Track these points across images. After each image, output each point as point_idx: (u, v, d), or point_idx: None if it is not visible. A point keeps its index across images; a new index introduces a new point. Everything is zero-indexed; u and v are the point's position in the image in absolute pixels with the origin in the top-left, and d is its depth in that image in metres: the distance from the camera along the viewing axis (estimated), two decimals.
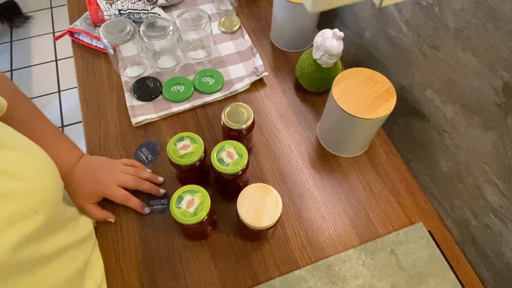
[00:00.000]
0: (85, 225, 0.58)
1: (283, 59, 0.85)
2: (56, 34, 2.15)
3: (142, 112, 0.74)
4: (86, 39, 0.84)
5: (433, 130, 0.63)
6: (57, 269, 0.45)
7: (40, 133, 0.58)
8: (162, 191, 0.64)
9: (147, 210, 0.63)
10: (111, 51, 0.74)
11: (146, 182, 0.63)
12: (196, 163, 0.58)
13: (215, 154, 0.57)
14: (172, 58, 0.81)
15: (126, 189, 0.62)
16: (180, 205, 0.53)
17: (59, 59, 2.03)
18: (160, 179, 0.66)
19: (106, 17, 0.82)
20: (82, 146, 0.69)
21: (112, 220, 0.63)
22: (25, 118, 0.57)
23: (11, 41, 2.10)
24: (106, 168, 0.62)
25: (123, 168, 0.63)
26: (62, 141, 0.61)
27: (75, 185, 0.60)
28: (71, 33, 0.84)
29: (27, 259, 0.39)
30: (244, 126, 0.61)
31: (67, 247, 0.48)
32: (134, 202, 0.62)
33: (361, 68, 0.65)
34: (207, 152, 0.61)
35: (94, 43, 0.84)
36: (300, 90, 0.80)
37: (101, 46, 0.83)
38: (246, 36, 0.87)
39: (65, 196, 0.60)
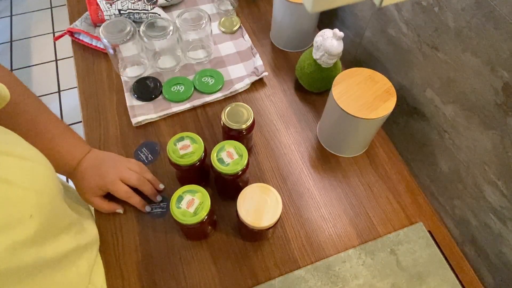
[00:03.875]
0: (90, 230, 0.58)
1: (283, 59, 0.85)
2: (56, 34, 2.15)
3: (142, 112, 0.74)
4: (86, 39, 0.84)
5: (433, 130, 0.63)
6: (57, 275, 0.44)
7: (48, 128, 0.58)
8: (159, 198, 0.65)
9: (147, 208, 0.63)
10: (111, 51, 0.74)
11: (148, 183, 0.63)
12: (196, 163, 0.58)
13: (215, 154, 0.57)
14: (172, 58, 0.81)
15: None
16: (180, 205, 0.53)
17: (59, 59, 2.03)
18: (161, 186, 0.66)
19: (106, 17, 0.81)
20: None
21: (120, 211, 0.63)
22: (32, 114, 0.57)
23: (11, 41, 2.10)
24: (111, 163, 0.62)
25: (128, 165, 0.63)
26: (69, 136, 0.61)
27: (80, 178, 0.60)
28: (71, 33, 0.84)
29: (24, 264, 0.38)
30: (244, 126, 0.61)
31: (68, 253, 0.47)
32: (136, 199, 0.62)
33: (361, 68, 0.65)
34: (207, 152, 0.61)
35: (94, 43, 0.84)
36: (300, 90, 0.80)
37: (101, 46, 0.83)
38: (246, 36, 0.87)
39: (69, 200, 0.60)
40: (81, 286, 0.51)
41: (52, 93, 1.90)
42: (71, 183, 0.66)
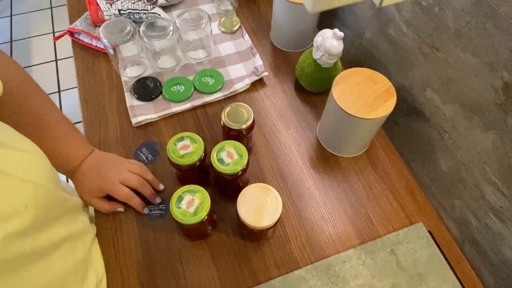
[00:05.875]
0: (82, 218, 0.58)
1: (283, 59, 0.85)
2: (56, 34, 2.15)
3: (142, 112, 0.74)
4: (86, 39, 0.84)
5: (433, 130, 0.63)
6: (53, 263, 0.45)
7: (52, 128, 0.58)
8: (158, 199, 0.64)
9: (146, 210, 0.63)
10: (111, 51, 0.74)
11: (148, 186, 0.63)
12: (196, 163, 0.58)
13: (215, 154, 0.57)
14: (172, 58, 0.81)
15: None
16: (180, 205, 0.53)
17: (59, 59, 2.03)
18: (161, 186, 0.66)
19: (106, 17, 0.82)
20: None
21: (121, 209, 0.63)
22: (38, 113, 0.57)
23: (11, 41, 2.10)
24: (112, 165, 0.62)
25: (129, 166, 0.63)
26: (73, 137, 0.61)
27: (80, 179, 0.60)
28: (71, 33, 0.84)
29: (20, 254, 0.38)
30: (244, 126, 0.61)
31: (62, 241, 0.48)
32: (136, 201, 0.62)
33: (361, 68, 0.65)
34: (207, 152, 0.61)
35: (94, 43, 0.84)
36: (300, 90, 0.80)
37: (101, 46, 0.83)
38: (246, 36, 0.87)
39: (64, 190, 0.60)
40: (81, 272, 0.52)
41: (52, 93, 1.90)
42: (71, 183, 0.66)
